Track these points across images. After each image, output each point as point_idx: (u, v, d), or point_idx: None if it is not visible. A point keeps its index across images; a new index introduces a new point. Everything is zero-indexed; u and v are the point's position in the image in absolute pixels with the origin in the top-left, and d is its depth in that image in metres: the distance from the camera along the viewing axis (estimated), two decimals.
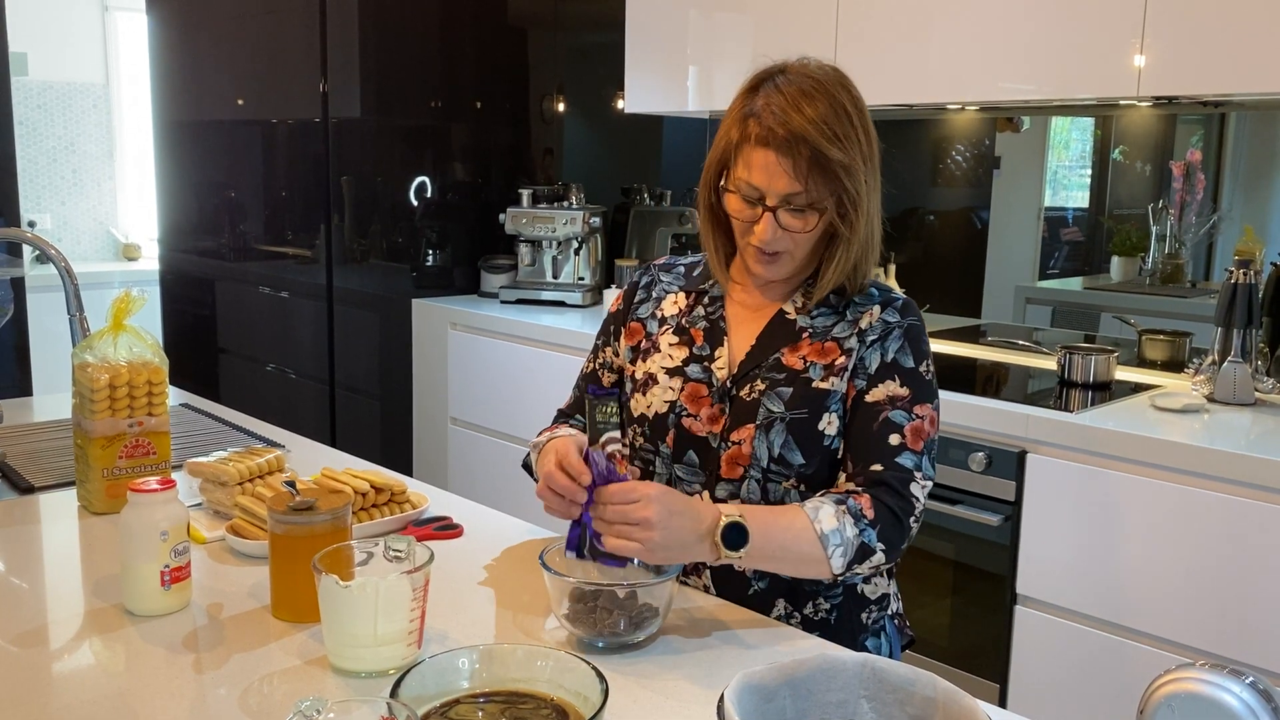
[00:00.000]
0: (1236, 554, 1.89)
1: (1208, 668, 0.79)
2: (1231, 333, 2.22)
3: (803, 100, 1.31)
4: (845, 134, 1.32)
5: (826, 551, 1.28)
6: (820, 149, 1.30)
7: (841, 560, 1.29)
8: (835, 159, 1.31)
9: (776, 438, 1.38)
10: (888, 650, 1.49)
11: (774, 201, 1.34)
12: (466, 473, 3.47)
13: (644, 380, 1.48)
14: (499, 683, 1.04)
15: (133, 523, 1.26)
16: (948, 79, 2.55)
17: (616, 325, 1.57)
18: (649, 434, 1.45)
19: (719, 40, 3.03)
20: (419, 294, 3.68)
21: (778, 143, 1.31)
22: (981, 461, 2.19)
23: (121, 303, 1.56)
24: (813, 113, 1.31)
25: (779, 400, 1.39)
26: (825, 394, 1.39)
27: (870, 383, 1.39)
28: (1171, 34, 2.19)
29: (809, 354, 1.41)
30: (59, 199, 5.55)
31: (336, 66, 3.59)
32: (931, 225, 3.14)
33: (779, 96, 1.32)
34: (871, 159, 1.37)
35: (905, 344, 1.41)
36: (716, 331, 1.46)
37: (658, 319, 1.52)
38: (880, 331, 1.41)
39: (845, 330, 1.42)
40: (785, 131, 1.30)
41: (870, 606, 1.47)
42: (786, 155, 1.31)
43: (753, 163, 1.33)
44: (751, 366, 1.42)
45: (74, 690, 1.09)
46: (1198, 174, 2.64)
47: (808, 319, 1.44)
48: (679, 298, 1.52)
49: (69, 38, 5.49)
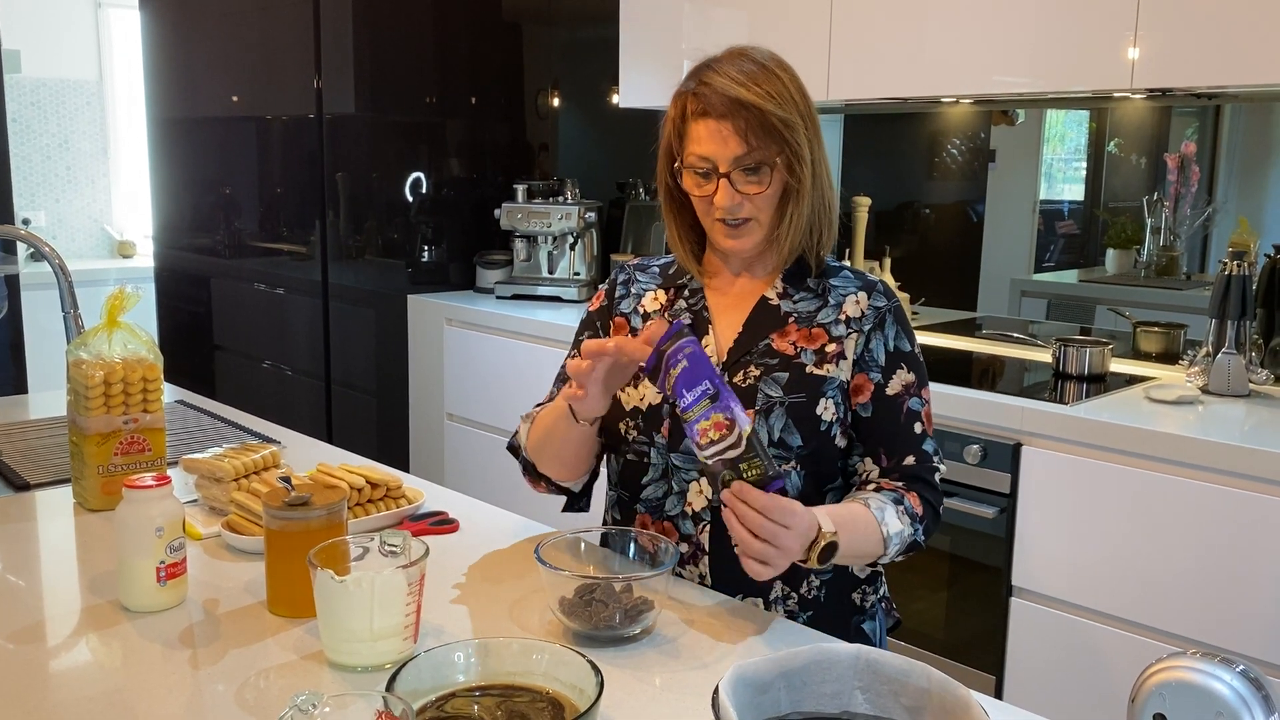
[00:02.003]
0: (1231, 545, 1.89)
1: (1199, 656, 0.79)
2: (1226, 324, 2.23)
3: (738, 74, 1.38)
4: (780, 93, 1.38)
5: (888, 550, 1.36)
6: (759, 107, 1.36)
7: (893, 555, 1.39)
8: (774, 114, 1.37)
9: (776, 422, 1.40)
10: (880, 632, 1.53)
11: (726, 167, 1.38)
12: (462, 468, 3.47)
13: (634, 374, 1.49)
14: (494, 676, 1.05)
15: (128, 519, 1.26)
16: (942, 72, 2.56)
17: (603, 320, 1.58)
18: (642, 426, 1.46)
19: (714, 34, 3.02)
20: (414, 290, 3.68)
21: (718, 110, 1.37)
22: (977, 454, 2.20)
23: (116, 300, 1.56)
24: (748, 80, 1.37)
25: (776, 385, 1.41)
26: (821, 380, 1.42)
27: (885, 375, 1.44)
28: (1165, 26, 2.19)
29: (798, 339, 1.44)
30: (53, 196, 5.54)
31: (330, 62, 3.58)
32: (927, 218, 3.14)
33: (713, 74, 1.39)
34: (811, 119, 1.42)
35: (899, 328, 1.47)
36: (700, 321, 1.49)
37: (640, 314, 1.54)
38: (875, 319, 1.45)
39: (830, 315, 1.45)
40: (723, 99, 1.37)
41: (862, 586, 1.50)
42: (727, 119, 1.37)
43: (697, 135, 1.39)
44: (742, 353, 1.45)
45: (71, 686, 1.10)
46: (1192, 166, 2.64)
47: (790, 304, 1.46)
48: (658, 294, 1.55)
49: (62, 35, 5.47)
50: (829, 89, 2.76)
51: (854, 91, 2.73)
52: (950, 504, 2.23)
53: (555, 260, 3.57)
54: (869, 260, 3.09)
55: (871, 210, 3.09)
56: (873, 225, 3.11)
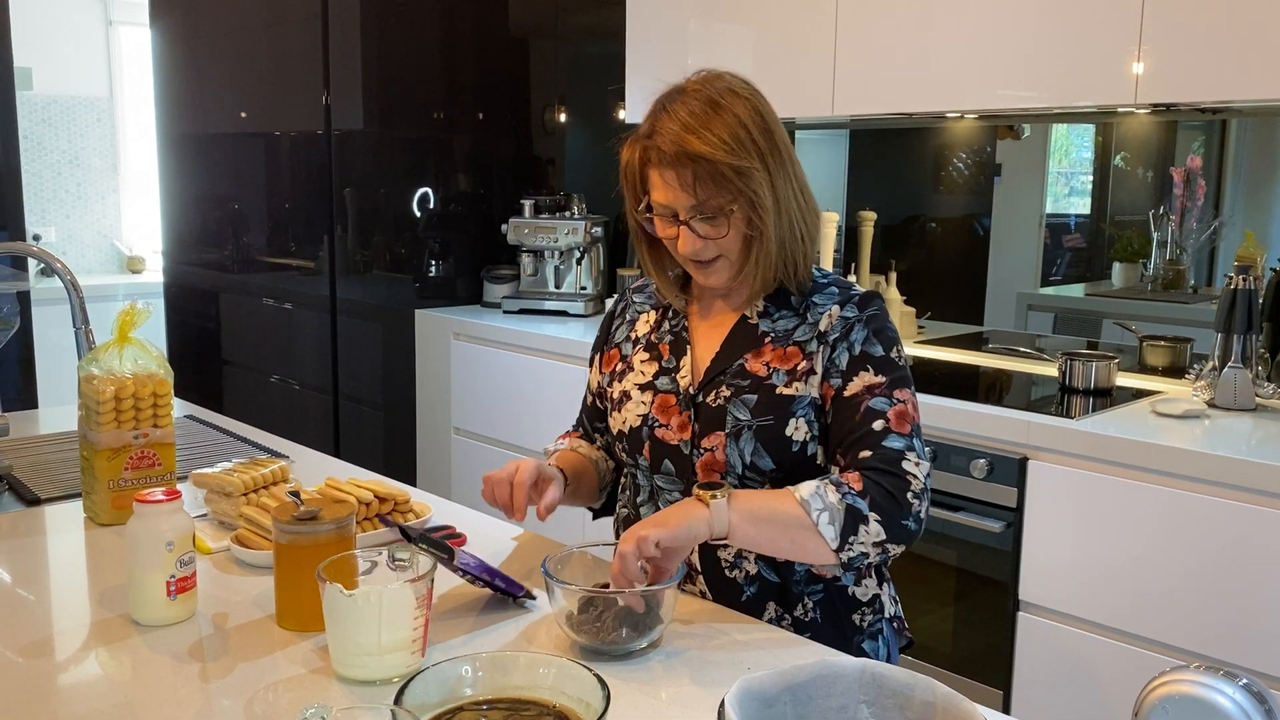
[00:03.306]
0: (1238, 559, 1.89)
1: (1202, 670, 0.79)
2: (1232, 338, 2.23)
3: (691, 119, 1.37)
4: (736, 138, 1.36)
5: (812, 516, 1.28)
6: (708, 158, 1.35)
7: (832, 529, 1.28)
8: (725, 164, 1.35)
9: (746, 445, 1.40)
10: (885, 653, 1.49)
11: (685, 215, 1.39)
12: (470, 482, 3.47)
13: (619, 398, 1.52)
14: (502, 690, 1.05)
15: (138, 533, 1.26)
16: (947, 87, 2.56)
17: (595, 353, 1.63)
18: (628, 448, 1.50)
19: (719, 50, 3.04)
20: (422, 304, 3.69)
21: (667, 161, 1.37)
22: (983, 468, 2.20)
23: (126, 315, 1.57)
24: (700, 127, 1.36)
25: (744, 408, 1.41)
26: (790, 400, 1.40)
27: (845, 378, 1.39)
28: (1169, 41, 2.20)
29: (771, 359, 1.43)
30: (64, 213, 5.57)
31: (339, 79, 3.60)
32: (933, 232, 3.15)
33: (668, 119, 1.39)
34: (774, 155, 1.39)
35: (870, 334, 1.41)
36: (680, 343, 1.50)
37: (631, 340, 1.57)
38: (841, 329, 1.41)
39: (806, 333, 1.43)
40: (673, 149, 1.36)
41: (862, 608, 1.47)
42: (674, 170, 1.37)
43: (655, 183, 1.40)
44: (715, 373, 1.45)
45: (80, 700, 1.10)
46: (1199, 180, 2.65)
47: (769, 323, 1.46)
48: (650, 315, 1.57)
49: (73, 52, 5.52)
50: (834, 104, 2.77)
51: (859, 106, 2.74)
52: (956, 518, 2.23)
53: (562, 275, 3.58)
54: (875, 274, 3.10)
55: (877, 224, 3.10)
56: (879, 239, 3.11)
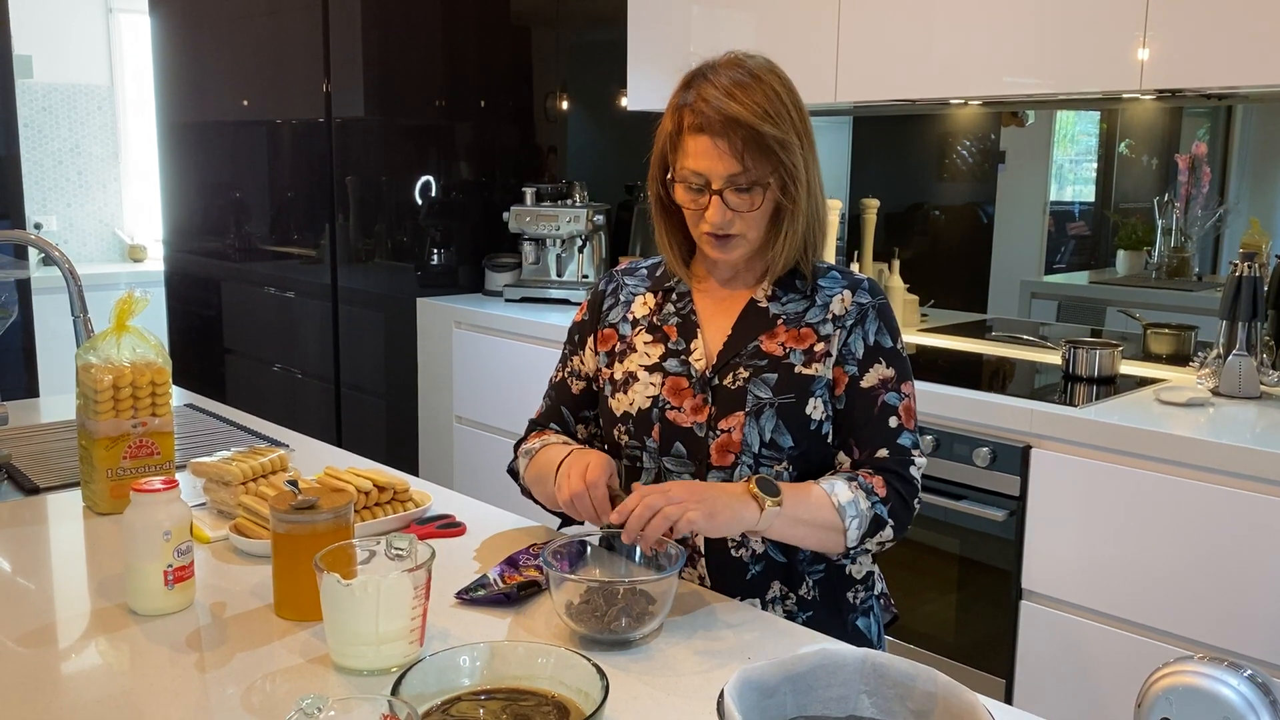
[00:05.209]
0: (1242, 547, 1.88)
1: (1206, 661, 0.79)
2: (1237, 326, 2.22)
3: (734, 88, 1.37)
4: (778, 112, 1.37)
5: (844, 522, 1.34)
6: (755, 127, 1.35)
7: (857, 532, 1.35)
8: (770, 135, 1.36)
9: (767, 423, 1.41)
10: (875, 628, 1.53)
11: (719, 185, 1.38)
12: (471, 471, 3.47)
13: (624, 380, 1.50)
14: (500, 680, 1.05)
15: (136, 523, 1.26)
16: (951, 74, 2.55)
17: (583, 334, 1.59)
18: (633, 430, 1.48)
19: (722, 36, 3.02)
20: (423, 293, 3.69)
21: (713, 127, 1.36)
22: (986, 457, 2.19)
23: (124, 304, 1.57)
24: (744, 96, 1.36)
25: (765, 386, 1.42)
26: (810, 379, 1.42)
27: (861, 368, 1.43)
28: (1174, 27, 2.18)
29: (787, 340, 1.44)
30: (64, 201, 5.56)
31: (340, 67, 3.59)
32: (937, 220, 3.14)
33: (711, 87, 1.38)
34: (807, 136, 1.41)
35: (882, 324, 1.46)
36: (689, 325, 1.49)
37: (629, 321, 1.54)
38: (856, 315, 1.45)
39: (818, 315, 1.45)
40: (719, 116, 1.36)
41: (856, 586, 1.50)
42: (722, 137, 1.36)
43: (693, 150, 1.39)
44: (731, 355, 1.45)
45: (79, 689, 1.10)
46: (1203, 167, 2.63)
47: (779, 305, 1.47)
48: (647, 298, 1.56)
49: (73, 40, 5.50)
50: (837, 91, 2.75)
51: (862, 93, 2.72)
52: (959, 506, 2.22)
53: (564, 263, 3.57)
54: (878, 262, 3.08)
55: (881, 212, 3.08)
56: (882, 227, 3.10)
